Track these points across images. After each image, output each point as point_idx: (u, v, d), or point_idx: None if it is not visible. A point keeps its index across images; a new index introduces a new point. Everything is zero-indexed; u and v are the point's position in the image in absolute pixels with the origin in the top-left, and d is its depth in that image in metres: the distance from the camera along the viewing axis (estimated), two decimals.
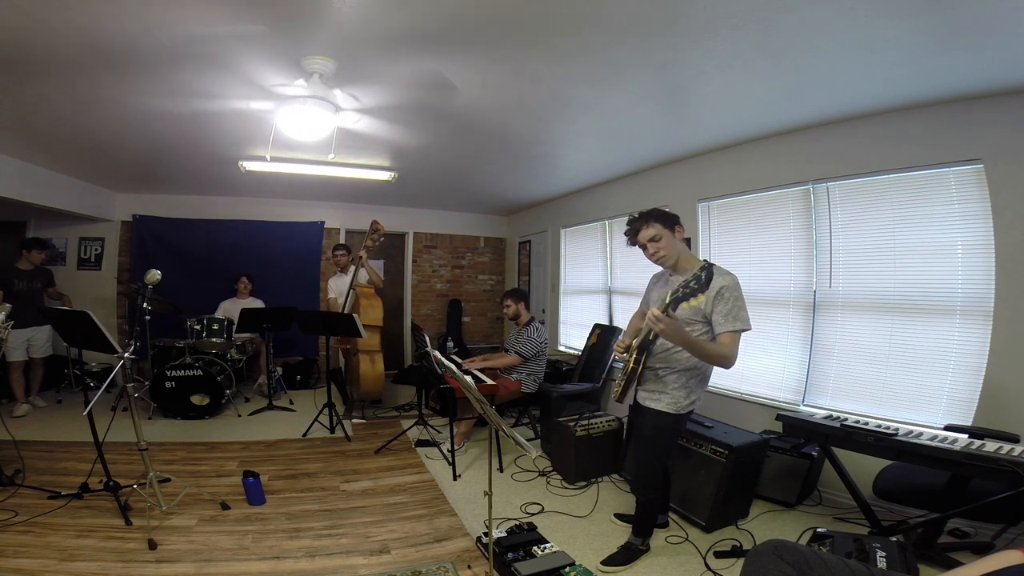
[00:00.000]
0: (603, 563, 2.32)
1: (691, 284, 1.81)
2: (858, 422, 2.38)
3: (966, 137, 2.58)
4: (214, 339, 4.74)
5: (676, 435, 2.35)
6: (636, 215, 2.27)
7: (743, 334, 2.06)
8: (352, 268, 4.71)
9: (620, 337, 2.32)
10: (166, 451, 3.60)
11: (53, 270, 5.03)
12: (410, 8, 1.99)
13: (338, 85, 2.72)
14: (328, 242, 6.50)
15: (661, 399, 2.23)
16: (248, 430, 4.21)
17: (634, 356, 2.18)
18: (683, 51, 2.30)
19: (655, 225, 2.20)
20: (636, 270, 4.60)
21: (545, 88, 2.79)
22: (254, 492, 2.85)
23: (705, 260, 1.91)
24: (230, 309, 5.21)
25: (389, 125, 3.40)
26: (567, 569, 2.20)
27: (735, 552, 2.40)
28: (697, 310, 2.08)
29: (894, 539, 1.87)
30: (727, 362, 2.03)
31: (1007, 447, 1.97)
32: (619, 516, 2.80)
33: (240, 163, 4.39)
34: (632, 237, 2.27)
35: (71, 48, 2.43)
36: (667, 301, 1.89)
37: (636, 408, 2.37)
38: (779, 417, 2.58)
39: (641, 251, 2.29)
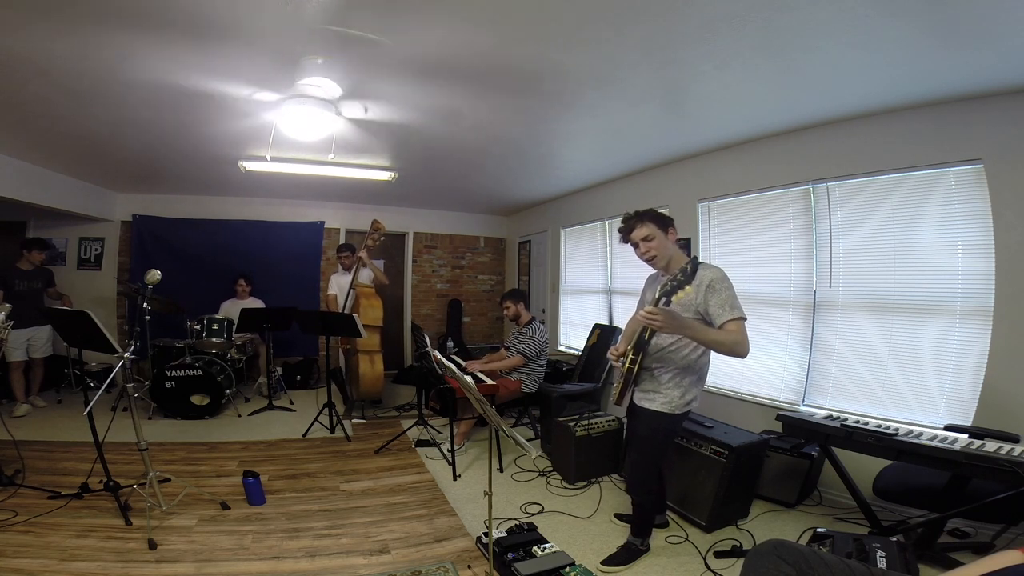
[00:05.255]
0: (603, 563, 2.32)
1: (678, 277, 1.86)
2: (858, 422, 2.38)
3: (966, 137, 2.58)
4: (214, 339, 4.74)
5: (671, 436, 2.34)
6: (632, 213, 2.27)
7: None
8: (355, 267, 4.71)
9: (616, 343, 2.31)
10: (166, 451, 3.60)
11: (53, 270, 5.03)
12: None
13: (339, 84, 2.72)
14: (328, 242, 6.50)
15: (656, 399, 2.22)
16: (248, 430, 4.21)
17: (630, 357, 2.17)
18: (683, 51, 2.29)
19: (649, 225, 2.20)
20: (636, 270, 4.60)
21: (545, 88, 2.79)
22: (254, 492, 2.85)
23: (693, 256, 1.93)
24: (231, 310, 5.22)
25: (389, 122, 3.39)
26: (567, 569, 2.20)
27: (735, 552, 2.40)
28: (688, 305, 2.08)
29: (894, 539, 1.88)
30: (740, 348, 1.98)
31: (1007, 447, 1.97)
32: (619, 516, 2.80)
33: (240, 163, 4.39)
34: (626, 235, 2.27)
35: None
36: (657, 296, 1.91)
37: (632, 410, 2.36)
38: (779, 417, 2.58)
39: (633, 249, 2.29)
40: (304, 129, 3.01)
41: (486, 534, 2.34)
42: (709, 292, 2.05)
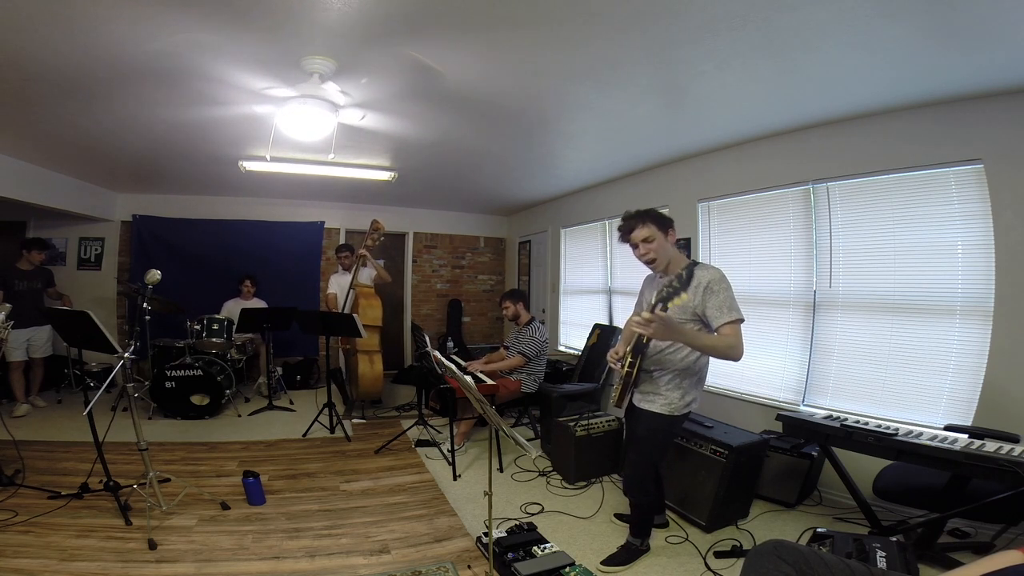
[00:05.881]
0: (603, 563, 2.32)
1: (673, 283, 1.84)
2: (858, 422, 2.38)
3: (966, 137, 2.58)
4: (214, 339, 4.74)
5: (670, 437, 2.33)
6: (632, 212, 2.24)
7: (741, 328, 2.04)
8: (354, 267, 4.71)
9: (615, 346, 2.30)
10: (166, 451, 3.60)
11: (53, 270, 5.03)
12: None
13: (338, 84, 2.72)
14: (328, 242, 6.51)
15: (655, 401, 2.22)
16: (248, 430, 4.21)
17: (628, 360, 2.16)
18: (683, 51, 2.29)
19: (650, 226, 2.17)
20: (636, 270, 4.57)
21: (545, 88, 2.79)
22: (254, 492, 2.85)
23: (691, 260, 1.91)
24: (233, 310, 5.21)
25: (389, 125, 3.39)
26: (567, 569, 2.20)
27: (735, 552, 2.40)
28: (685, 308, 2.06)
29: (894, 539, 1.87)
30: (734, 352, 1.98)
31: (1007, 447, 1.97)
32: (619, 516, 2.80)
33: (240, 163, 4.39)
34: (625, 234, 2.24)
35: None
36: (653, 302, 1.90)
37: (631, 411, 2.36)
38: (779, 417, 2.58)
39: (632, 249, 2.27)
40: (304, 129, 3.00)
41: (486, 534, 2.34)
42: (707, 294, 2.05)
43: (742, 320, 2.02)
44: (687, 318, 2.10)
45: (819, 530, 2.16)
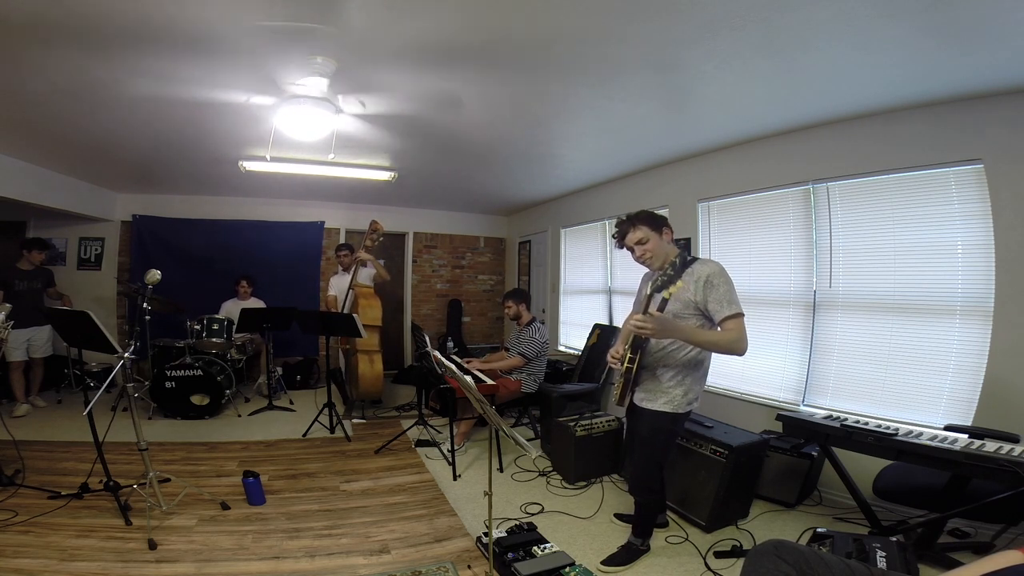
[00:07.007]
0: (603, 563, 2.32)
1: (667, 271, 1.84)
2: (858, 422, 2.38)
3: (966, 137, 2.58)
4: (214, 339, 4.74)
5: (674, 436, 2.33)
6: (624, 217, 2.27)
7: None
8: (353, 268, 4.72)
9: (614, 346, 2.30)
10: (166, 451, 3.60)
11: (53, 270, 5.04)
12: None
13: (339, 81, 2.71)
14: (328, 242, 6.51)
15: (658, 399, 2.21)
16: (248, 430, 4.21)
17: (628, 356, 2.16)
18: (683, 51, 2.29)
19: (642, 228, 2.19)
20: (636, 270, 4.58)
21: (545, 88, 2.79)
22: (254, 492, 2.85)
23: (681, 251, 1.91)
24: (232, 310, 5.22)
25: (389, 125, 3.39)
26: (567, 569, 2.20)
27: (735, 552, 2.40)
28: (688, 302, 2.07)
29: (894, 539, 1.87)
30: (738, 346, 1.98)
31: (1007, 447, 1.97)
32: (619, 516, 2.80)
33: (240, 163, 4.39)
34: (620, 240, 2.26)
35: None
36: (648, 293, 1.89)
37: (633, 411, 2.36)
38: (779, 417, 2.58)
39: (630, 253, 2.29)
40: (303, 129, 3.00)
41: (486, 534, 2.34)
42: (707, 288, 2.04)
43: (743, 314, 2.02)
44: (689, 313, 2.10)
45: (819, 530, 2.16)
